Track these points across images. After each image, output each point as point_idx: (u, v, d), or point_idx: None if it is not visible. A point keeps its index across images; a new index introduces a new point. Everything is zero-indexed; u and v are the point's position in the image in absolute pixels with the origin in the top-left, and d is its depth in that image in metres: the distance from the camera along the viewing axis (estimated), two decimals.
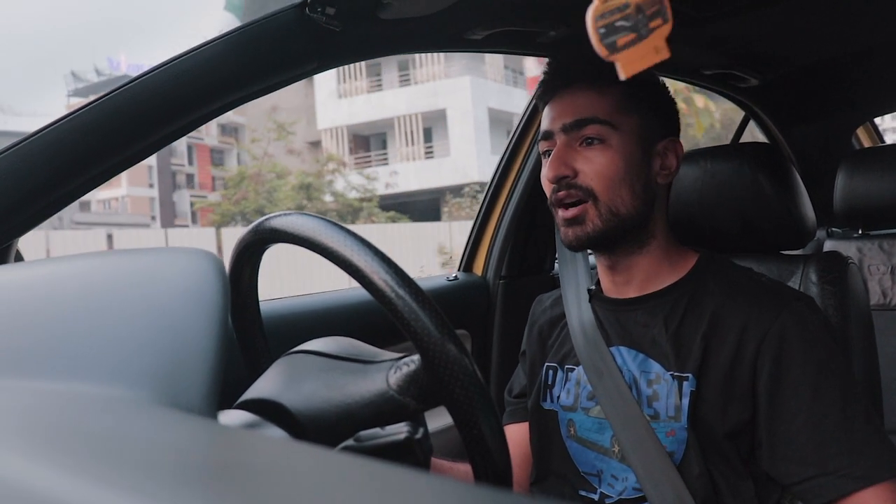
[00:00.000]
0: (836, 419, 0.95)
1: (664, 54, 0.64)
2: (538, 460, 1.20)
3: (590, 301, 1.17)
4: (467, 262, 1.96)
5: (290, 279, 11.25)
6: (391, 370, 0.72)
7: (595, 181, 1.04)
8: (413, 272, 0.81)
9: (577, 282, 1.21)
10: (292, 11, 1.05)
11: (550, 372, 1.19)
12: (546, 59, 1.25)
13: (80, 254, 0.50)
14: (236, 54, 1.04)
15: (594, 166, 1.04)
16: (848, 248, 2.07)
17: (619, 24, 0.62)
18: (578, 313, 1.16)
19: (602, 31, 0.61)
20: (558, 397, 1.16)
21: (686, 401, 1.00)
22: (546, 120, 1.11)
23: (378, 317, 0.75)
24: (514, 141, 1.89)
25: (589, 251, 1.18)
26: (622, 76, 0.61)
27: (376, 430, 0.70)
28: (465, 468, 1.05)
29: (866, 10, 1.53)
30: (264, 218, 0.78)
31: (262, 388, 0.75)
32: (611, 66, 1.09)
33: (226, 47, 1.03)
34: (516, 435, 1.23)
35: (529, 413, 1.22)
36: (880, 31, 1.67)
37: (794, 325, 0.99)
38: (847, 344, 1.16)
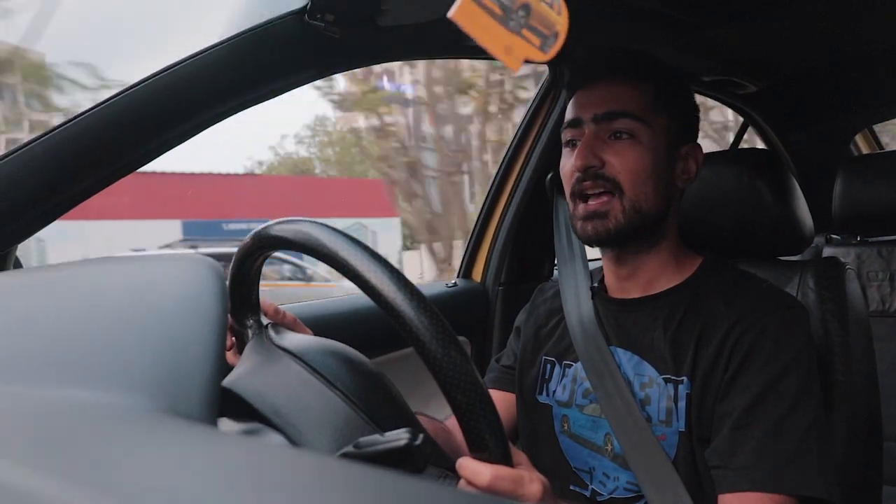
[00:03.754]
0: (768, 427, 0.93)
1: (511, 63, 0.60)
2: (529, 454, 1.20)
3: (592, 298, 1.16)
4: (466, 269, 1.96)
5: None
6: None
7: (622, 174, 1.04)
8: None
9: (576, 280, 1.21)
10: (292, 18, 1.05)
11: (548, 366, 1.19)
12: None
13: (78, 261, 0.50)
14: (236, 60, 1.04)
15: (623, 160, 1.04)
16: (846, 255, 2.07)
17: None
18: (578, 310, 1.15)
19: None
20: (554, 392, 1.16)
21: (682, 403, 1.00)
22: (575, 108, 1.10)
23: (380, 323, 0.75)
24: (512, 148, 1.89)
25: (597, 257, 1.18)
26: (449, 13, 0.58)
27: (376, 437, 0.69)
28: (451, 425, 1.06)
29: (864, 16, 1.53)
30: (265, 225, 0.77)
31: (279, 409, 0.72)
32: (648, 63, 1.09)
33: (225, 53, 1.03)
34: (496, 402, 1.22)
35: (523, 404, 1.21)
36: (879, 38, 1.67)
37: (774, 329, 0.99)
38: (845, 350, 1.15)
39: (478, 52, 1.40)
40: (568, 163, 1.09)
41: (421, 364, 0.66)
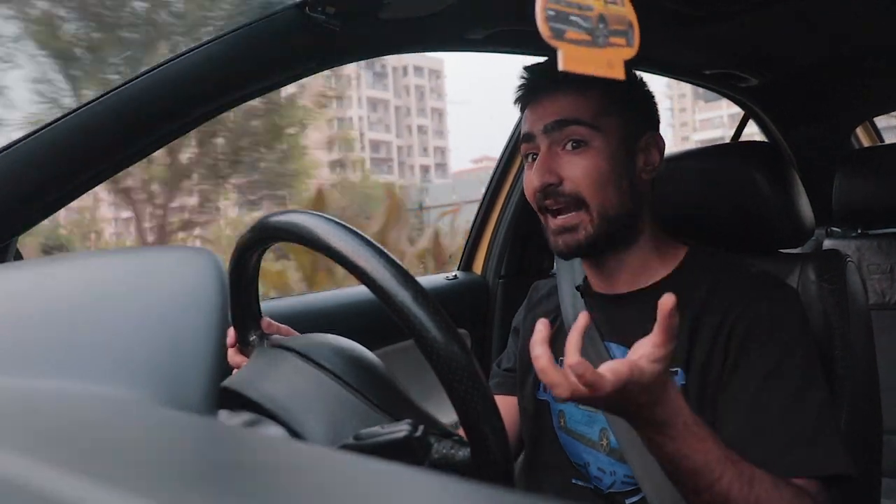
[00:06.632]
0: (781, 410, 0.94)
1: (617, 74, 0.62)
2: (531, 450, 1.20)
3: (582, 297, 1.17)
4: (467, 262, 1.97)
5: None
6: (434, 448, 0.70)
7: (582, 186, 1.03)
8: None
9: (574, 278, 1.21)
10: (292, 11, 1.05)
11: None
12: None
13: (78, 253, 0.50)
14: (237, 53, 1.04)
15: (579, 171, 1.04)
16: (847, 248, 2.07)
17: (572, 18, 0.61)
18: (573, 308, 1.16)
19: (551, 12, 0.60)
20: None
21: None
22: (527, 123, 1.11)
23: (380, 315, 0.75)
24: (513, 140, 1.89)
25: None
26: (560, 66, 0.60)
27: (376, 429, 0.70)
28: None
29: (866, 10, 1.53)
30: (265, 216, 0.78)
31: (285, 406, 0.73)
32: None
33: (226, 46, 1.03)
34: (500, 406, 1.23)
35: (524, 403, 1.22)
36: (879, 32, 1.67)
37: (767, 312, 0.99)
38: (846, 343, 1.15)
39: (480, 46, 1.39)
40: (528, 179, 1.10)
41: (422, 356, 0.66)
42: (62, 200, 0.97)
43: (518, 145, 1.87)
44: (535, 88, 1.11)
